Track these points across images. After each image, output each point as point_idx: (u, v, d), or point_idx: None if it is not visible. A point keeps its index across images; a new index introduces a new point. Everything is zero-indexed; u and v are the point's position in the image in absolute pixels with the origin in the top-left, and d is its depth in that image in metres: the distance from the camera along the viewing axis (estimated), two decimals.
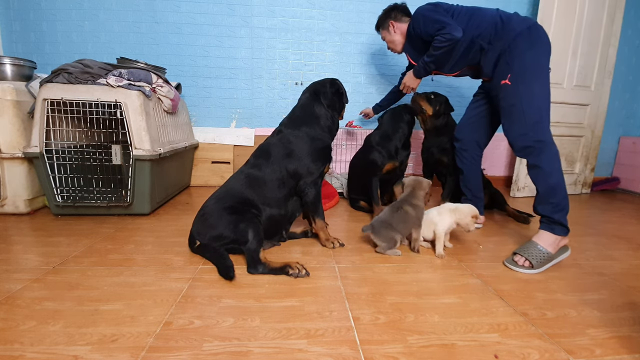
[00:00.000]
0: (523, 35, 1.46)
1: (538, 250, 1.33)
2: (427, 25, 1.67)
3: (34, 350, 0.80)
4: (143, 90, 1.84)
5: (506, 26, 1.51)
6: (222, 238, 1.29)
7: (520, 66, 1.45)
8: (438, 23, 1.61)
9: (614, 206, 2.53)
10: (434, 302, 1.06)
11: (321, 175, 1.49)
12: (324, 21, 2.76)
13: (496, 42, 1.53)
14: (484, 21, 1.57)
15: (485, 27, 1.56)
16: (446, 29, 1.58)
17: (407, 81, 1.95)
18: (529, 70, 1.44)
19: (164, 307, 0.98)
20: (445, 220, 1.45)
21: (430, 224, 1.48)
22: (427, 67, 1.79)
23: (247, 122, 2.85)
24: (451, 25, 1.58)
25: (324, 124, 1.52)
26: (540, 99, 1.42)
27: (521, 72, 1.44)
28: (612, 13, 2.69)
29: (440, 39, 1.61)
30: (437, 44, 1.64)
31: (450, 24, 1.58)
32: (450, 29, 1.58)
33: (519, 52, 1.45)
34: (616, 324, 0.97)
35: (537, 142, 1.39)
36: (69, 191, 1.78)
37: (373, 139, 2.04)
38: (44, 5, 2.56)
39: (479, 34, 1.57)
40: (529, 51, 1.44)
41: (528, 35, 1.45)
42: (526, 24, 1.48)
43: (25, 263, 1.26)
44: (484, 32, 1.56)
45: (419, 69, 1.82)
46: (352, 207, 2.22)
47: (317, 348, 0.83)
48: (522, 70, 1.44)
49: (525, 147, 1.42)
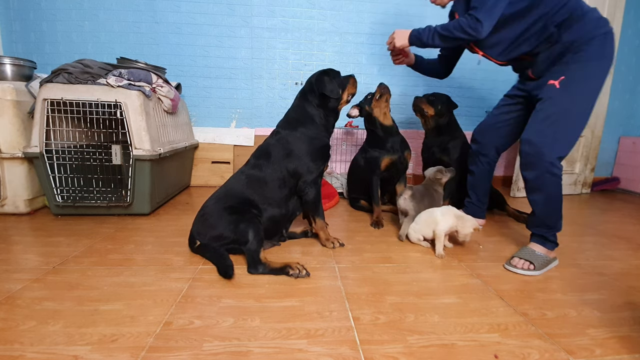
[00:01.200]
0: (598, 40, 1.24)
1: (537, 254, 1.33)
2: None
3: (34, 350, 0.80)
4: (143, 90, 1.84)
5: (584, 19, 1.25)
6: (222, 238, 1.29)
7: (580, 75, 1.25)
8: (483, 2, 1.29)
9: (614, 206, 2.53)
10: (434, 302, 1.06)
11: (321, 174, 1.49)
12: (324, 21, 2.76)
13: (565, 33, 1.27)
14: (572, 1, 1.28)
15: (557, 5, 1.27)
16: (479, 16, 1.29)
17: (396, 35, 1.55)
18: (587, 84, 1.25)
19: (164, 307, 0.98)
20: (447, 222, 1.45)
21: (431, 223, 1.48)
22: (429, 40, 1.45)
23: (247, 122, 2.85)
24: (487, 17, 1.29)
25: (318, 122, 1.50)
26: (580, 121, 1.27)
27: (577, 81, 1.25)
28: (612, 13, 2.69)
29: (463, 25, 1.33)
30: (454, 29, 1.35)
31: (488, 15, 1.29)
32: (483, 17, 1.28)
33: (585, 59, 1.25)
34: (616, 324, 0.97)
35: (551, 164, 1.25)
36: (69, 191, 1.77)
37: (367, 143, 2.06)
38: (44, 5, 2.56)
39: (548, 11, 1.28)
40: (595, 62, 1.24)
41: (602, 43, 1.24)
42: (604, 28, 1.25)
43: (25, 263, 1.26)
44: (556, 12, 1.27)
45: (421, 34, 1.47)
46: (352, 207, 2.22)
47: (317, 348, 0.83)
48: (579, 80, 1.25)
49: (536, 162, 1.27)
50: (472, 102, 2.97)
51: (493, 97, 2.97)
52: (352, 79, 1.59)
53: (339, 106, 1.57)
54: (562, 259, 1.41)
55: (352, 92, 1.59)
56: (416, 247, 1.53)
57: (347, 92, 1.57)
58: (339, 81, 1.53)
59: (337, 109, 1.56)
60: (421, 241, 1.54)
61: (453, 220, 1.45)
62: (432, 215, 1.49)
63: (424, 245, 1.53)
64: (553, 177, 1.28)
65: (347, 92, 1.56)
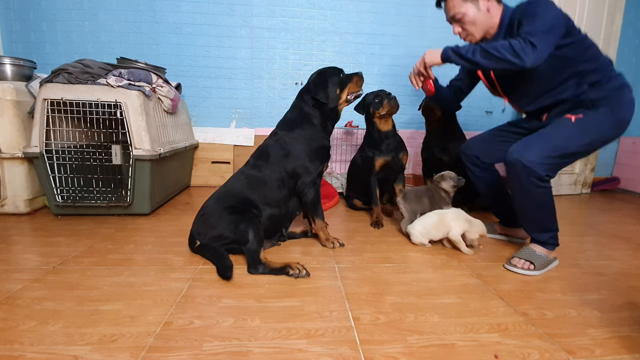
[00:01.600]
0: (622, 103, 1.26)
1: (537, 254, 1.33)
2: (526, 15, 1.23)
3: (34, 350, 0.80)
4: (143, 90, 1.84)
5: (611, 81, 1.28)
6: (222, 238, 1.29)
7: (596, 120, 1.25)
8: (537, 28, 1.17)
9: (614, 206, 2.53)
10: (434, 302, 1.06)
11: (320, 175, 1.49)
12: (324, 21, 2.76)
13: (594, 91, 1.27)
14: (603, 58, 1.29)
15: (593, 64, 1.26)
16: (534, 40, 1.16)
17: (427, 53, 1.36)
18: (599, 129, 1.25)
19: (164, 307, 0.98)
20: (460, 225, 1.47)
21: (443, 227, 1.49)
22: (469, 54, 1.25)
23: (247, 122, 2.85)
24: (542, 43, 1.16)
25: (315, 123, 1.48)
26: (571, 145, 1.24)
27: (591, 122, 1.25)
28: (612, 13, 2.69)
29: (514, 47, 1.17)
30: (503, 49, 1.18)
31: (543, 42, 1.17)
32: (538, 42, 1.15)
33: (605, 113, 1.25)
34: (616, 324, 0.97)
35: (530, 170, 1.21)
36: (69, 191, 1.77)
37: (364, 142, 2.05)
38: (44, 5, 2.56)
39: (584, 69, 1.26)
40: (613, 119, 1.25)
41: (624, 107, 1.27)
42: (627, 94, 1.28)
43: (25, 263, 1.26)
44: (592, 71, 1.26)
45: (460, 48, 1.28)
46: (347, 205, 2.24)
47: (317, 348, 0.83)
48: (593, 122, 1.25)
49: (515, 169, 1.23)
50: (472, 102, 2.97)
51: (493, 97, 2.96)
52: (356, 77, 1.51)
53: (339, 106, 1.51)
54: (562, 259, 1.41)
55: (354, 92, 1.52)
56: (416, 247, 1.53)
57: (348, 91, 1.50)
58: (337, 81, 1.47)
59: (336, 108, 1.51)
60: (425, 244, 1.53)
61: (464, 224, 1.47)
62: (444, 220, 1.49)
63: (427, 245, 1.53)
64: (537, 187, 1.23)
65: (347, 91, 1.50)
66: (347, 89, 1.51)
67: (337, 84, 1.48)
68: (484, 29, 1.37)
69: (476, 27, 1.36)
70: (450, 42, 1.38)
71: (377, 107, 1.87)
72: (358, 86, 1.53)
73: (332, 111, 1.51)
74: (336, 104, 1.50)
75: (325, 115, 1.50)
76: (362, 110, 1.94)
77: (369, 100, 1.90)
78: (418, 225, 1.53)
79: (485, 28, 1.36)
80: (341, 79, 1.50)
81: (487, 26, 1.36)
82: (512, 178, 1.28)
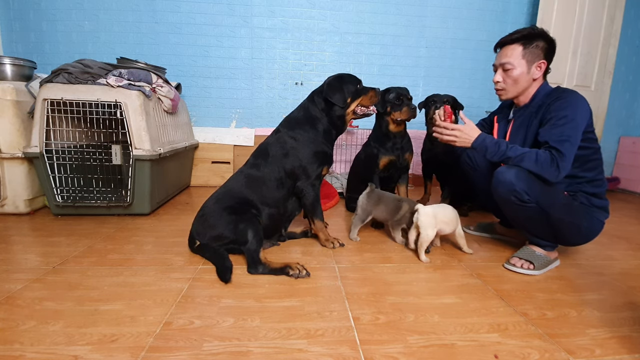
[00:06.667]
0: (602, 211, 1.32)
1: (537, 254, 1.33)
2: (556, 109, 1.23)
3: (34, 350, 0.80)
4: (143, 90, 1.84)
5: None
6: (221, 238, 1.29)
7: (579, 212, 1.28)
8: (563, 135, 1.18)
9: (614, 206, 2.52)
10: (434, 302, 1.06)
11: (318, 177, 1.47)
12: (324, 21, 2.76)
13: (583, 197, 1.30)
14: (602, 176, 1.31)
15: (599, 180, 1.30)
16: (560, 164, 1.17)
17: (464, 133, 1.31)
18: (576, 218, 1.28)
19: (164, 307, 0.98)
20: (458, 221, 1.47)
21: (453, 222, 1.43)
22: (494, 156, 1.26)
23: (247, 122, 2.85)
24: (566, 166, 1.18)
25: (319, 127, 1.46)
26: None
27: (573, 209, 1.28)
28: (612, 13, 2.69)
29: (542, 163, 1.18)
30: (529, 160, 1.20)
31: (567, 164, 1.18)
32: (563, 167, 1.17)
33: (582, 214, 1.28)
34: (616, 324, 0.97)
35: (513, 188, 1.20)
36: (69, 191, 1.77)
37: (371, 137, 2.03)
38: (44, 5, 2.56)
39: (590, 180, 1.30)
40: (583, 220, 1.28)
41: (603, 214, 1.32)
42: (606, 204, 1.33)
43: (25, 263, 1.26)
44: (594, 186, 1.30)
45: (488, 146, 1.27)
46: (347, 208, 2.17)
47: (317, 348, 0.83)
48: (573, 210, 1.28)
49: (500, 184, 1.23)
50: (472, 102, 2.97)
51: (493, 97, 2.96)
52: (372, 92, 1.47)
53: (346, 116, 1.48)
54: (562, 259, 1.42)
55: (365, 105, 1.48)
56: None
57: (358, 102, 1.46)
58: (353, 89, 1.44)
59: (343, 117, 1.47)
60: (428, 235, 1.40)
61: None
62: (454, 215, 1.43)
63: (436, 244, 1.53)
64: (518, 203, 1.22)
65: (357, 102, 1.46)
66: (360, 100, 1.47)
67: (351, 93, 1.45)
68: (521, 92, 1.36)
69: (515, 87, 1.35)
70: (449, 42, 1.38)
71: (395, 109, 1.81)
72: (371, 102, 1.49)
73: (339, 119, 1.47)
74: (344, 112, 1.47)
75: (332, 121, 1.47)
76: (382, 106, 1.83)
77: (390, 100, 1.82)
78: (432, 212, 1.39)
79: (521, 91, 1.36)
80: (357, 89, 1.46)
81: (524, 91, 1.36)
82: (494, 190, 1.28)
